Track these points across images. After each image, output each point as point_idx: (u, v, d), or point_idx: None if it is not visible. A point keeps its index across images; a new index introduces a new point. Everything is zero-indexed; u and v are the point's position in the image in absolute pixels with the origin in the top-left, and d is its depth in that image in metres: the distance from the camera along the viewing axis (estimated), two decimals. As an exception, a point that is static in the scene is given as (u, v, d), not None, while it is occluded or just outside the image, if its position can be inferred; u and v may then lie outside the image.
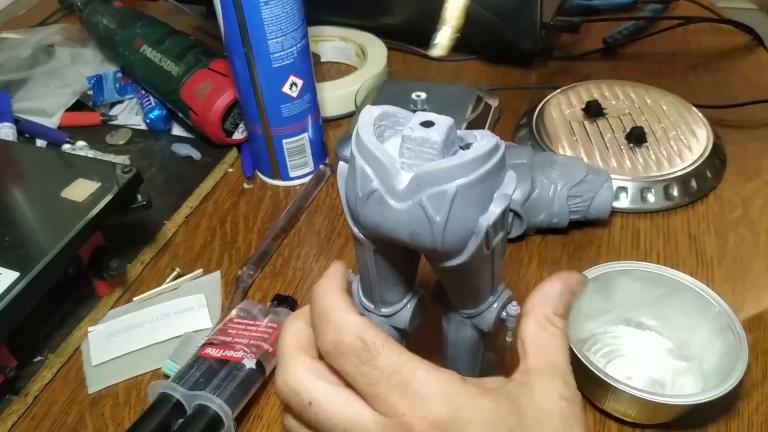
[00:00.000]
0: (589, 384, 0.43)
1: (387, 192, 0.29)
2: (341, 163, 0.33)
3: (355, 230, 0.33)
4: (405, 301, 0.38)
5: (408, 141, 0.29)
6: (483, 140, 0.29)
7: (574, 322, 0.45)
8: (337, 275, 0.34)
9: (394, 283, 0.36)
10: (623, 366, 0.47)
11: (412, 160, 0.29)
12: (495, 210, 0.30)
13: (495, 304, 0.37)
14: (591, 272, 0.47)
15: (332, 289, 0.33)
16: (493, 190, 0.30)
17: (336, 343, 0.30)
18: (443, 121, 0.29)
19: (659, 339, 0.48)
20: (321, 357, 0.33)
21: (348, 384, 0.31)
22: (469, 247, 0.30)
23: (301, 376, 0.32)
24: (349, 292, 0.34)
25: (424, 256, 0.34)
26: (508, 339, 0.39)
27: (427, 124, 0.29)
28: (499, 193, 0.30)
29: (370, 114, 0.31)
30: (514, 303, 0.38)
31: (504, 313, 0.38)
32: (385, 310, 0.38)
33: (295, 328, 0.35)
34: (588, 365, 0.42)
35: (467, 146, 0.30)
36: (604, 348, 0.48)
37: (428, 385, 0.29)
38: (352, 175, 0.31)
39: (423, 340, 0.48)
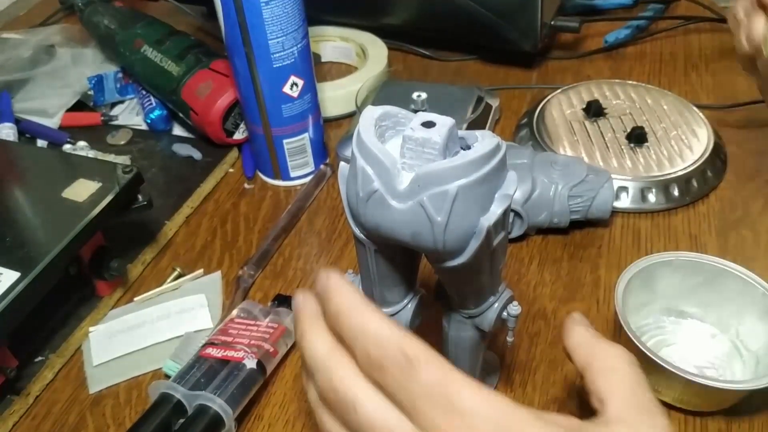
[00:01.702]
0: (648, 374, 0.43)
1: (388, 192, 0.29)
2: (342, 164, 0.33)
3: (356, 230, 0.33)
4: (406, 301, 0.38)
5: (409, 141, 0.29)
6: (484, 141, 0.29)
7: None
8: (347, 283, 0.31)
9: (395, 284, 0.36)
10: (672, 355, 0.48)
11: (413, 160, 0.29)
12: (496, 210, 0.30)
13: (496, 304, 0.37)
14: (634, 267, 0.47)
15: (357, 303, 0.30)
16: (494, 190, 0.30)
17: (377, 360, 0.29)
18: (444, 122, 0.29)
19: (702, 326, 0.49)
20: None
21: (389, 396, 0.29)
22: (470, 248, 0.30)
23: (348, 381, 0.30)
24: None
25: (425, 256, 0.34)
26: (509, 339, 0.39)
27: (428, 124, 0.29)
28: (500, 194, 0.30)
29: (371, 114, 0.31)
30: (515, 303, 0.38)
31: (505, 313, 0.37)
32: (386, 310, 0.38)
33: (323, 329, 0.32)
34: (653, 356, 0.42)
35: (468, 147, 0.30)
36: (651, 339, 0.49)
37: (472, 405, 0.27)
38: (353, 175, 0.31)
39: (423, 340, 0.48)
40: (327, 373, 0.31)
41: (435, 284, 0.40)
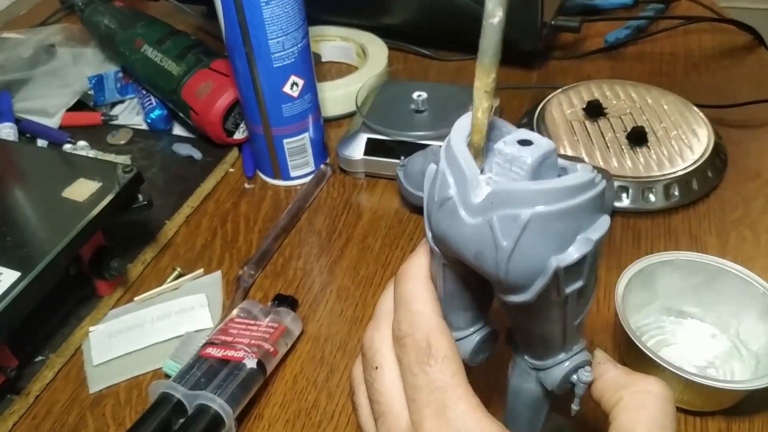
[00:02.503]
0: (648, 374, 0.44)
1: (461, 203, 0.27)
2: (432, 165, 0.30)
3: (429, 236, 0.30)
4: (472, 329, 0.34)
5: (498, 155, 0.26)
6: (578, 172, 0.26)
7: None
8: (425, 257, 0.32)
9: (462, 307, 0.33)
10: (672, 355, 0.48)
11: (499, 176, 0.27)
12: (573, 253, 0.26)
13: (566, 363, 0.32)
14: (634, 267, 0.48)
15: (418, 275, 0.31)
16: (578, 230, 0.26)
17: (404, 333, 0.30)
18: (542, 143, 0.26)
19: (702, 326, 0.49)
20: None
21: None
22: (534, 286, 0.27)
23: (385, 341, 0.31)
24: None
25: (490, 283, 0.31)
26: (575, 407, 0.34)
27: (525, 142, 0.27)
28: (582, 236, 0.26)
29: (468, 118, 0.29)
30: (588, 368, 0.33)
31: (575, 377, 0.33)
32: None
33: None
34: (652, 356, 0.42)
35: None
36: (651, 339, 0.49)
37: (463, 421, 0.27)
38: (435, 177, 0.29)
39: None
40: (374, 326, 0.32)
41: (508, 326, 0.36)
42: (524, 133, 0.27)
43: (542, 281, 0.26)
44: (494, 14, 0.25)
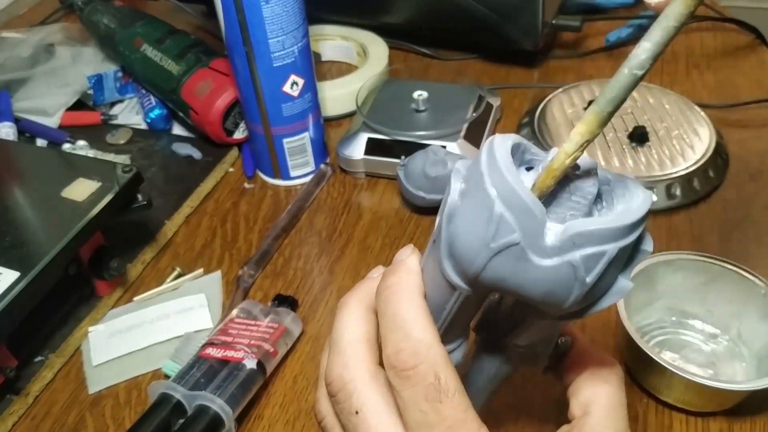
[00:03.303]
0: (650, 374, 0.44)
1: (530, 246, 0.24)
2: (452, 200, 0.27)
3: (455, 278, 0.27)
4: (461, 339, 0.33)
5: (555, 186, 0.25)
6: (637, 197, 0.26)
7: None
8: (415, 275, 0.29)
9: (462, 325, 0.32)
10: (673, 355, 0.48)
11: (552, 206, 0.25)
12: (633, 268, 0.27)
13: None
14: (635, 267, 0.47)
15: (414, 294, 0.28)
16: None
17: (407, 365, 0.27)
18: (590, 164, 0.25)
19: (704, 326, 0.49)
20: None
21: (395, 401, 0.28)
22: (599, 306, 0.27)
23: (359, 379, 0.29)
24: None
25: (518, 304, 0.31)
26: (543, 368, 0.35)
27: (572, 167, 0.25)
28: (640, 248, 0.27)
29: (504, 146, 0.25)
30: (564, 338, 0.34)
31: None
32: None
33: (359, 315, 0.31)
34: (654, 357, 0.42)
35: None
36: (652, 340, 0.49)
37: None
38: (476, 217, 0.25)
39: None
40: (341, 363, 0.29)
41: (480, 316, 0.35)
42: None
43: (611, 300, 0.27)
44: (644, 66, 0.23)
